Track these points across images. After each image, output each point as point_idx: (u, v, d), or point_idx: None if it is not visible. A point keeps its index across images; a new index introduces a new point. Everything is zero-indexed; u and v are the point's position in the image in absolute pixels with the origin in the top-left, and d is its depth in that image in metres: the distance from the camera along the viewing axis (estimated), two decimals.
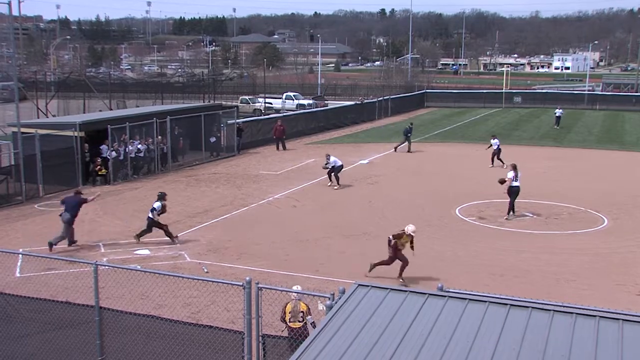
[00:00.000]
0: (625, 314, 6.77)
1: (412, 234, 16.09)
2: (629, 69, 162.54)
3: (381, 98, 61.70)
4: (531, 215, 23.52)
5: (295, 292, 10.55)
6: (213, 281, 10.76)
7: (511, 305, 7.06)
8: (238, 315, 11.56)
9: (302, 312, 10.72)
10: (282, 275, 16.37)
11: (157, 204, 19.55)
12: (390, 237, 16.32)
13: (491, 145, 34.40)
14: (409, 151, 38.35)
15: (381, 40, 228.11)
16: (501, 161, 33.45)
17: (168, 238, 19.58)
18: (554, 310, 6.89)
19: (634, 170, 33.85)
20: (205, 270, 17.02)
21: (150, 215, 19.52)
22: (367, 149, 39.40)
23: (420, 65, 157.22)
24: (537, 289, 15.51)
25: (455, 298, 7.31)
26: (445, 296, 7.36)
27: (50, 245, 18.67)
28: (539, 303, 7.22)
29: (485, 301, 7.19)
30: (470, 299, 7.25)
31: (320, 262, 17.99)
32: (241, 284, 9.39)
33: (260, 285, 9.44)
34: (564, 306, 7.10)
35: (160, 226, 19.59)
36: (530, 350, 6.31)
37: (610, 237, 20.96)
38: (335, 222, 22.50)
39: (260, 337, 9.66)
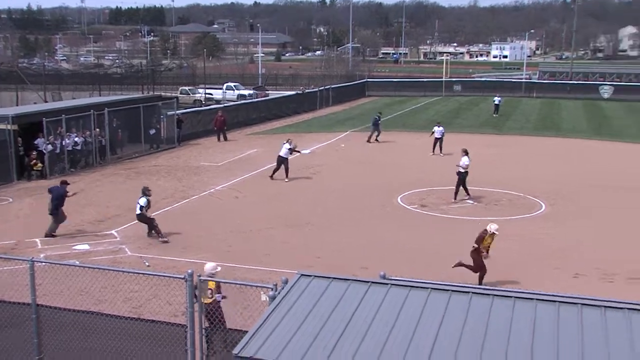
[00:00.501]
0: (562, 296, 6.94)
1: (495, 232, 15.42)
2: (563, 57, 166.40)
3: (322, 88, 61.76)
4: (472, 202, 23.90)
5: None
6: (154, 275, 10.59)
7: (452, 291, 7.15)
8: (180, 309, 11.42)
9: (210, 289, 10.76)
10: (225, 267, 16.21)
11: (142, 200, 18.99)
12: (475, 244, 15.39)
13: (433, 132, 34.73)
14: (376, 139, 38.59)
15: (322, 29, 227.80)
16: (440, 149, 33.87)
17: (154, 233, 19.09)
18: (494, 295, 7.02)
19: (570, 156, 34.75)
20: (147, 264, 16.78)
21: (139, 211, 19.00)
22: (309, 139, 39.38)
23: (361, 55, 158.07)
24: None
25: (398, 285, 7.37)
26: (387, 284, 7.41)
27: (51, 235, 18.90)
28: (479, 288, 7.35)
29: (427, 288, 7.27)
30: (412, 286, 7.32)
31: (263, 253, 17.92)
32: (183, 276, 9.27)
33: (202, 278, 9.36)
34: (503, 291, 7.24)
35: (149, 221, 19.16)
36: (472, 333, 6.41)
37: (548, 223, 21.45)
38: (277, 212, 22.44)
39: (203, 330, 9.57)
